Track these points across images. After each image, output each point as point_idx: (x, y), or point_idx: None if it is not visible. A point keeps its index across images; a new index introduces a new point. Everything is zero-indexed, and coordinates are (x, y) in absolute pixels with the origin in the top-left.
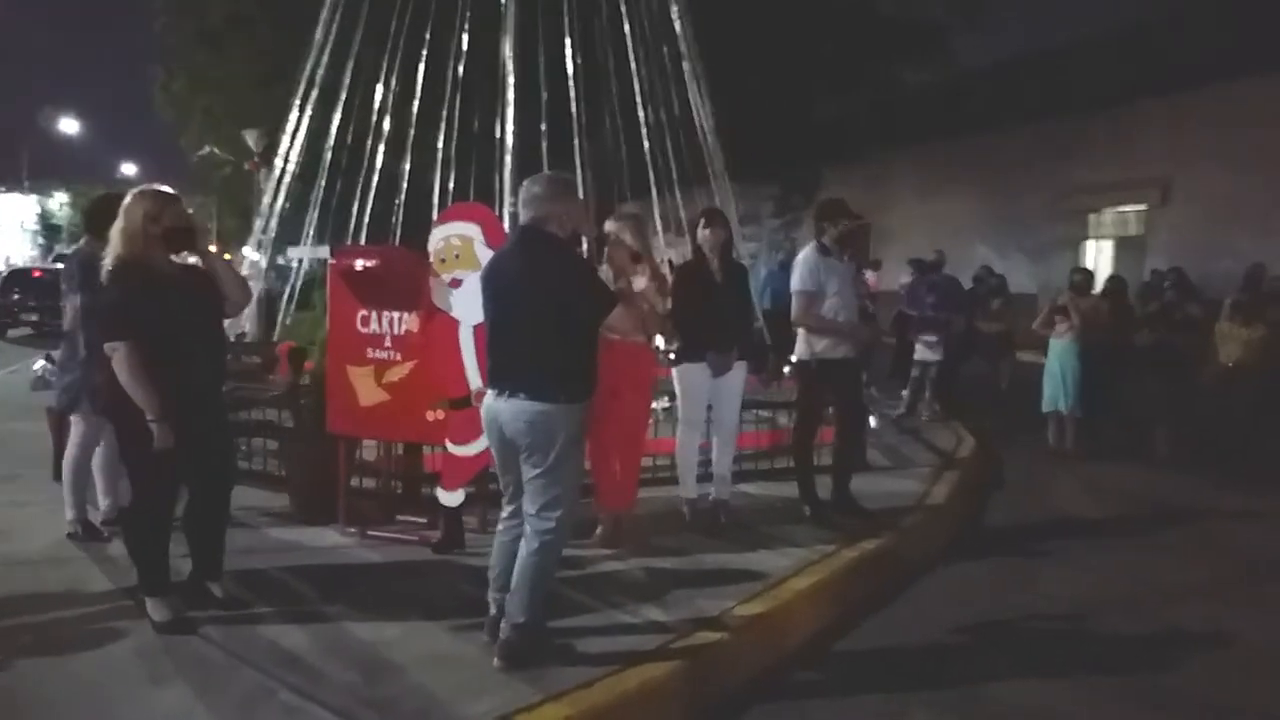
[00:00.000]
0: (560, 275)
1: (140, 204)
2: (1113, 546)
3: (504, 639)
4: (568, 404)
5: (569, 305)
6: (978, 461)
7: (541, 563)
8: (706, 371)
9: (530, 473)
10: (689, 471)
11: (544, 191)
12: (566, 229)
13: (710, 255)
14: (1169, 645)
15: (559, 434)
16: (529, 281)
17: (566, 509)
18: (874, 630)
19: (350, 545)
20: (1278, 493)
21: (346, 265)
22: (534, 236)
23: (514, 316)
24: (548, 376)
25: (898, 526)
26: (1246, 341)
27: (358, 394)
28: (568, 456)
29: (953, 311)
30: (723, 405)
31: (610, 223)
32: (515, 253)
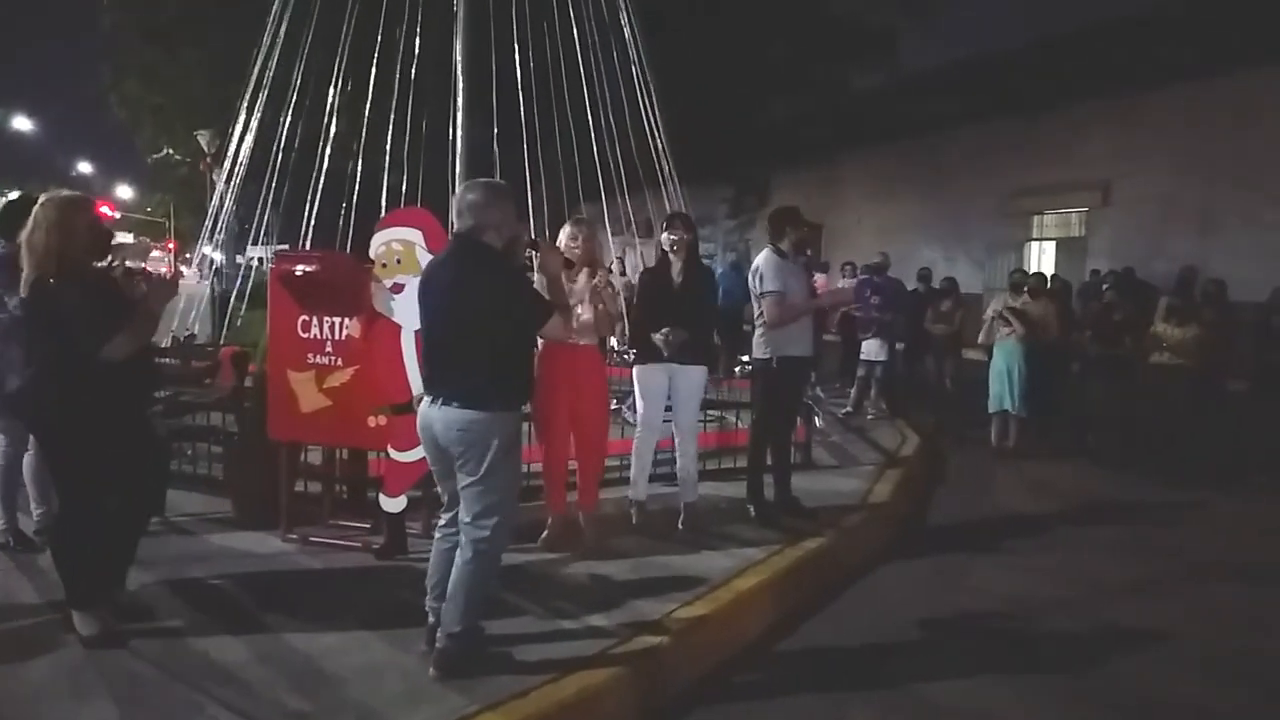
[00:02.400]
0: (494, 286)
1: (80, 212)
2: (1051, 545)
3: (440, 648)
4: (501, 412)
5: (502, 316)
6: (921, 460)
7: (477, 571)
8: (665, 373)
9: (464, 481)
10: (642, 473)
11: (479, 199)
12: (503, 237)
13: (673, 258)
14: (1104, 643)
15: (492, 442)
16: (462, 291)
17: (502, 517)
18: (816, 630)
19: (291, 552)
20: (1211, 490)
21: (286, 270)
22: (469, 246)
23: (447, 325)
24: (480, 385)
25: (840, 526)
26: (1180, 342)
27: (299, 399)
28: (502, 464)
29: (896, 312)
30: (682, 407)
31: (565, 228)
32: (449, 261)
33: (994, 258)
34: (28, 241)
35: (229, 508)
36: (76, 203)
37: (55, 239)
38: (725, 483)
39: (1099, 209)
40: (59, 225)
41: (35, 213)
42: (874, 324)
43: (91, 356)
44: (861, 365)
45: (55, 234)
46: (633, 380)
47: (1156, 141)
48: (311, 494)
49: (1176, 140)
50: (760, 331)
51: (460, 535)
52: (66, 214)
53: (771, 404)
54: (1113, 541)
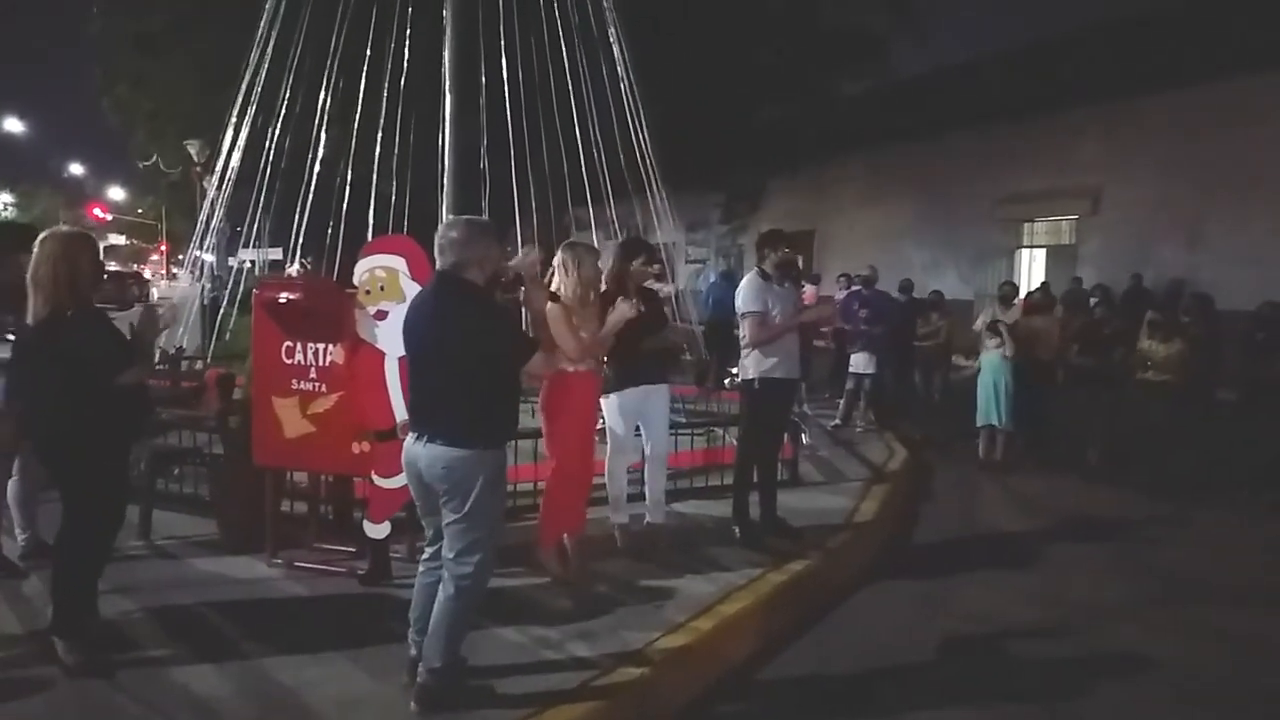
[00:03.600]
0: (476, 324)
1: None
2: (1036, 564)
3: (420, 683)
4: (485, 449)
5: (484, 353)
6: (908, 475)
7: (458, 608)
8: (640, 395)
9: (448, 517)
10: (619, 496)
11: (461, 236)
12: (485, 273)
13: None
14: (1085, 670)
15: (476, 479)
16: (445, 329)
17: (485, 554)
18: (798, 656)
19: (276, 577)
20: (1196, 508)
21: (270, 297)
22: (451, 283)
23: (431, 362)
24: (464, 423)
25: (825, 547)
26: (1165, 358)
27: (283, 425)
28: (486, 502)
29: (884, 325)
30: (651, 428)
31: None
32: (432, 298)
33: (984, 265)
34: (34, 277)
35: (215, 530)
36: (80, 237)
37: (63, 272)
38: (712, 501)
39: (1089, 216)
40: (65, 258)
41: (39, 247)
42: (862, 337)
43: (104, 386)
44: (850, 378)
45: (63, 266)
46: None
47: (1146, 149)
48: (298, 515)
49: (1166, 148)
50: (745, 352)
51: (443, 571)
52: (72, 248)
53: (756, 424)
54: (1098, 561)
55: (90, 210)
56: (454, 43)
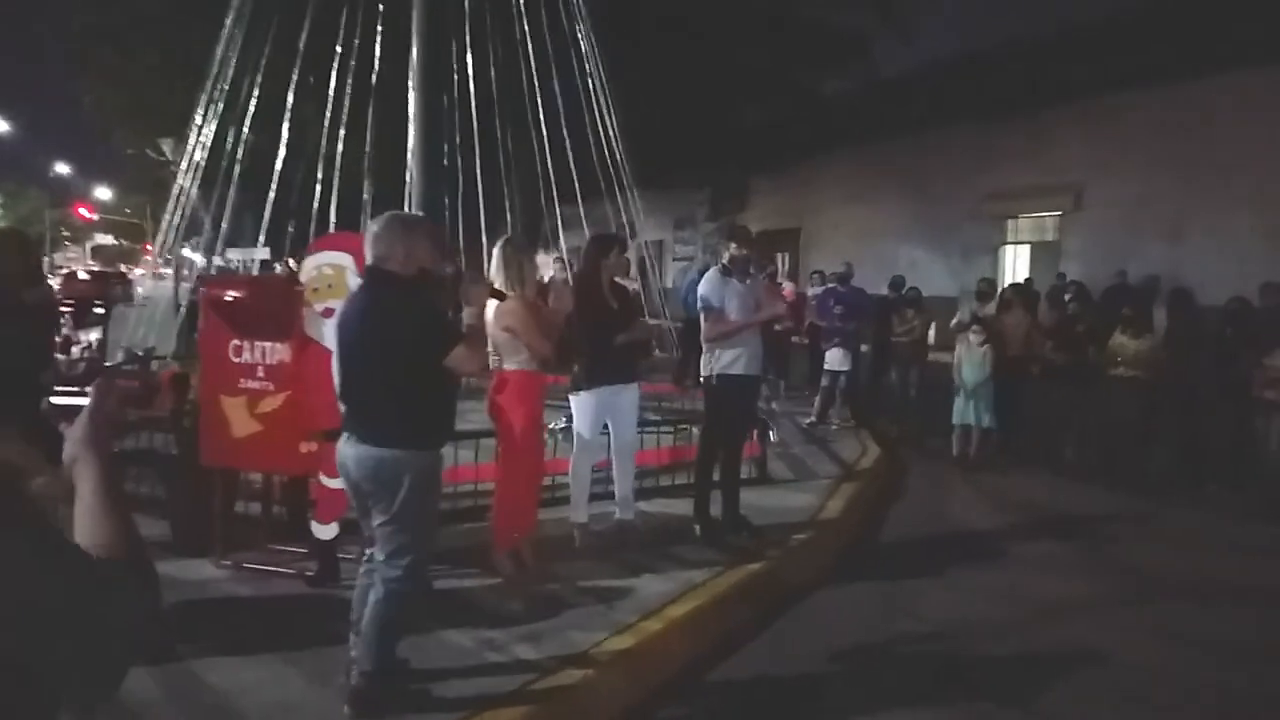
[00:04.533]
0: (395, 315)
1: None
2: (1002, 563)
3: (353, 686)
4: (414, 450)
5: (404, 346)
6: (879, 473)
7: (389, 611)
8: (607, 394)
9: (377, 519)
10: (582, 495)
11: (380, 231)
12: (410, 267)
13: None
14: (1041, 671)
15: (404, 481)
16: (367, 322)
17: (416, 556)
18: (750, 658)
19: (224, 579)
20: (1165, 505)
21: (216, 295)
22: (375, 276)
23: (357, 359)
24: (389, 422)
25: (785, 546)
26: (1136, 354)
27: (231, 425)
28: (415, 505)
29: (860, 322)
30: (619, 425)
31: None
32: (359, 294)
33: (969, 261)
34: None
35: (167, 531)
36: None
37: None
38: (677, 499)
39: (1072, 213)
40: None
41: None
42: (837, 333)
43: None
44: (825, 375)
45: None
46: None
47: (1128, 146)
48: (252, 516)
49: (1147, 145)
50: (705, 349)
51: (374, 574)
52: None
53: (716, 422)
54: (1063, 558)
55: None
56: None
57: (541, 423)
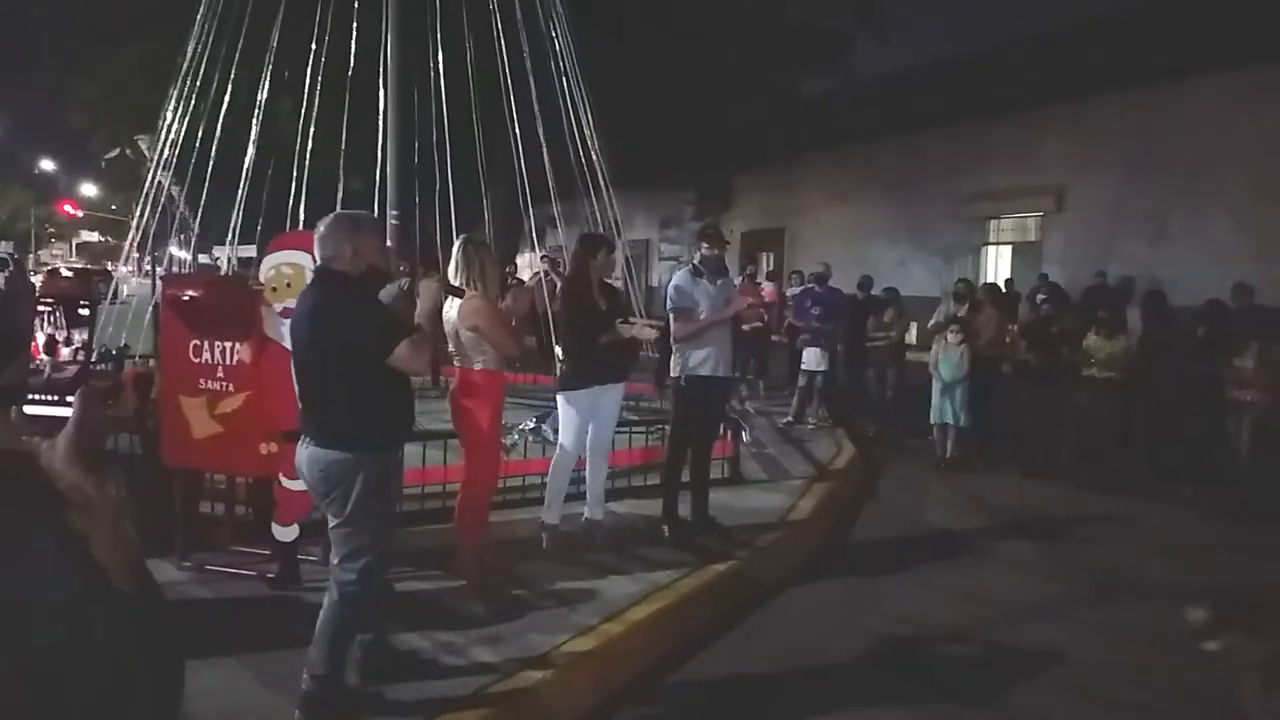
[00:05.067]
0: (339, 314)
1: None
2: (970, 564)
3: (305, 690)
4: (362, 453)
5: (348, 345)
6: (853, 473)
7: (342, 615)
8: (588, 396)
9: (331, 521)
10: (557, 496)
11: (326, 230)
12: (358, 266)
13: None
14: (1007, 670)
15: (353, 485)
16: (314, 322)
17: (371, 559)
18: (714, 659)
19: (184, 581)
20: (1137, 505)
21: (174, 295)
22: (322, 276)
23: (306, 359)
24: (338, 423)
25: (754, 546)
26: (1109, 355)
27: (191, 425)
28: (367, 508)
29: (837, 323)
30: (599, 425)
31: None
32: (307, 293)
33: (951, 261)
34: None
35: None
36: None
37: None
38: (649, 500)
39: (1053, 214)
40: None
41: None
42: (814, 333)
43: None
44: (802, 375)
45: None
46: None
47: (1109, 147)
48: (217, 517)
49: (1128, 146)
50: (674, 349)
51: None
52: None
53: (685, 423)
54: (1032, 559)
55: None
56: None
57: (498, 422)
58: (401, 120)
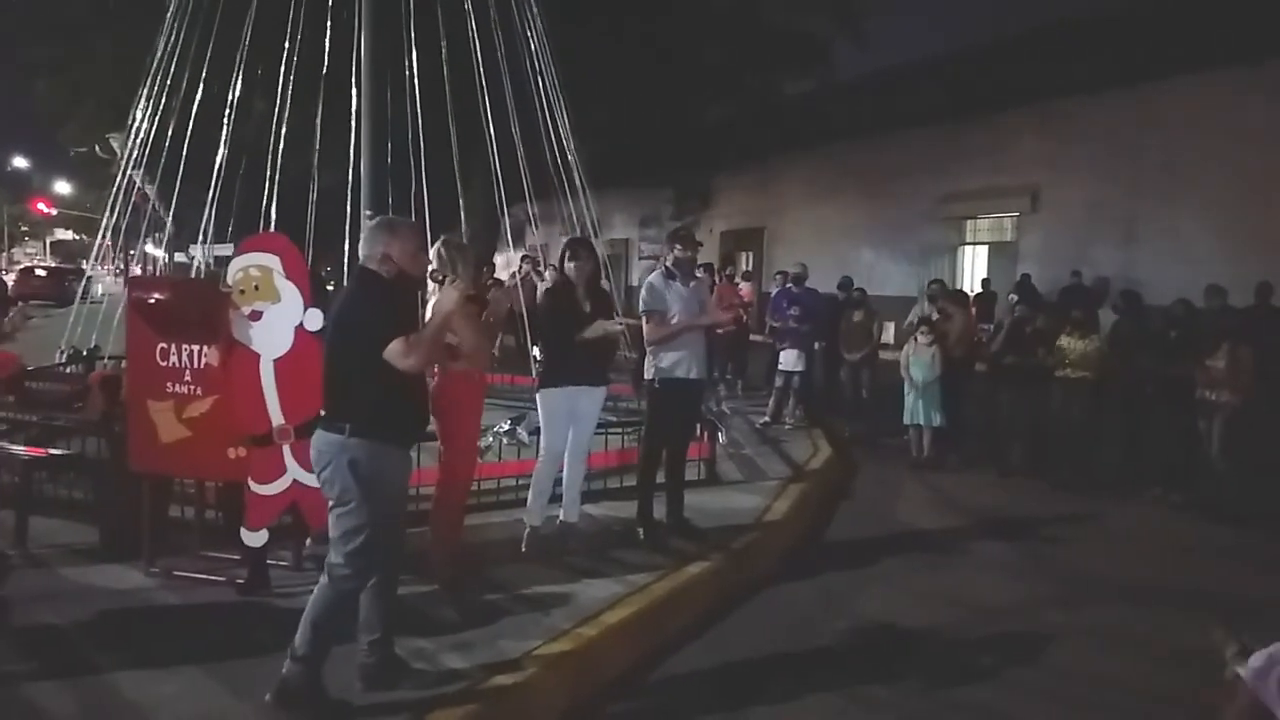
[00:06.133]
0: (348, 307)
1: None
2: (943, 564)
3: (283, 674)
4: (353, 438)
5: (346, 335)
6: (828, 474)
7: (327, 598)
8: (571, 396)
9: (329, 505)
10: (540, 498)
11: (367, 232)
12: (390, 268)
13: (577, 285)
14: (978, 670)
15: (342, 465)
16: (333, 314)
17: (360, 545)
18: (685, 662)
19: (152, 587)
20: (1109, 506)
21: (140, 297)
22: (358, 273)
23: (324, 345)
24: (335, 407)
25: (729, 548)
26: (1082, 355)
27: (158, 430)
28: (359, 494)
29: (814, 323)
30: (579, 427)
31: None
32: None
33: (928, 261)
34: None
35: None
36: None
37: None
38: (625, 502)
39: (1029, 214)
40: None
41: None
42: (791, 334)
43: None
44: (779, 375)
45: None
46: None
47: (1083, 148)
48: (188, 521)
49: (1102, 147)
50: (647, 353)
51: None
52: None
53: (657, 424)
54: (1004, 559)
55: (34, 205)
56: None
57: (477, 424)
58: (375, 118)
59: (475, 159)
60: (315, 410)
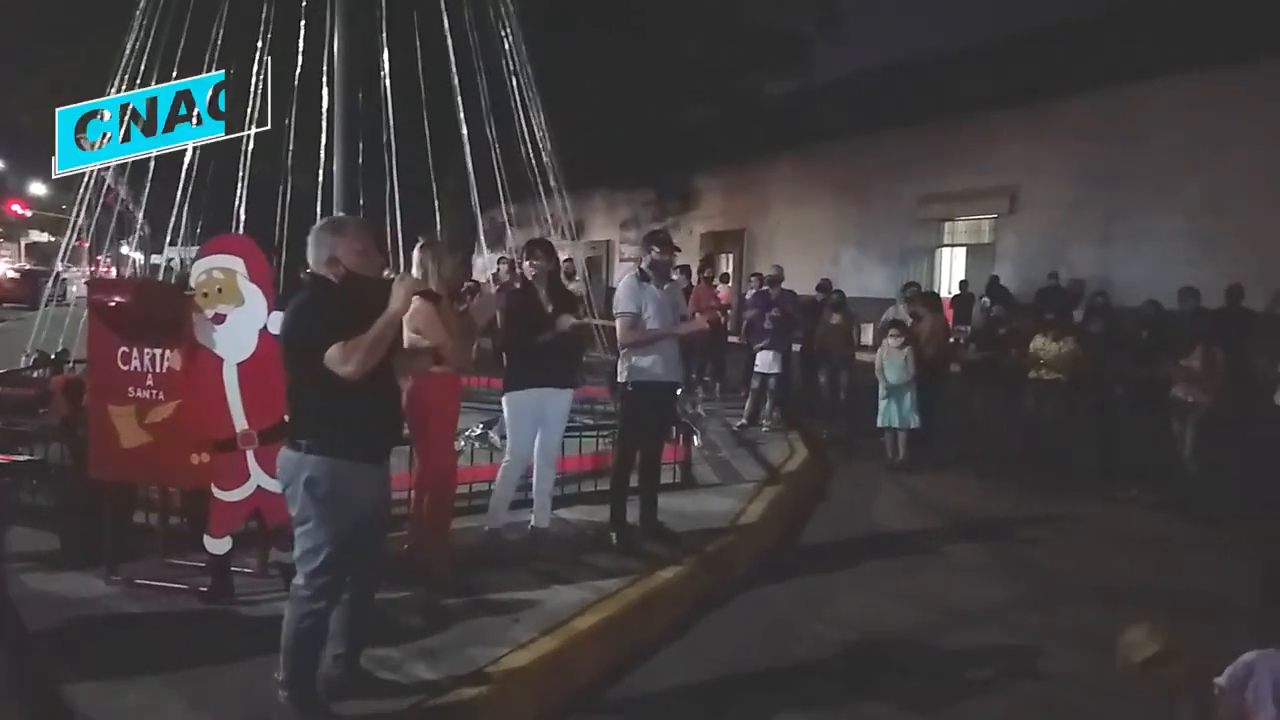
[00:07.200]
0: (293, 316)
1: None
2: (916, 566)
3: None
4: (310, 456)
5: (290, 344)
6: (804, 476)
7: (293, 621)
8: (537, 398)
9: (291, 523)
10: (503, 501)
11: (311, 237)
12: (338, 270)
13: (537, 285)
14: (952, 673)
15: (299, 482)
16: (281, 325)
17: (320, 565)
18: (658, 669)
19: (113, 595)
20: (1083, 507)
21: (101, 300)
22: (307, 279)
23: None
24: (294, 423)
25: (703, 552)
26: (1056, 356)
27: (119, 435)
28: (318, 511)
29: (792, 325)
30: (547, 430)
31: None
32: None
33: (907, 263)
34: None
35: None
36: None
37: None
38: (599, 506)
39: (1007, 216)
40: None
41: None
42: (767, 336)
43: None
44: (755, 377)
45: None
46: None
47: (1060, 151)
48: (152, 528)
49: (1078, 150)
50: (620, 356)
51: None
52: None
53: (631, 427)
54: (979, 561)
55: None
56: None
57: (453, 426)
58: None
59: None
60: (279, 415)
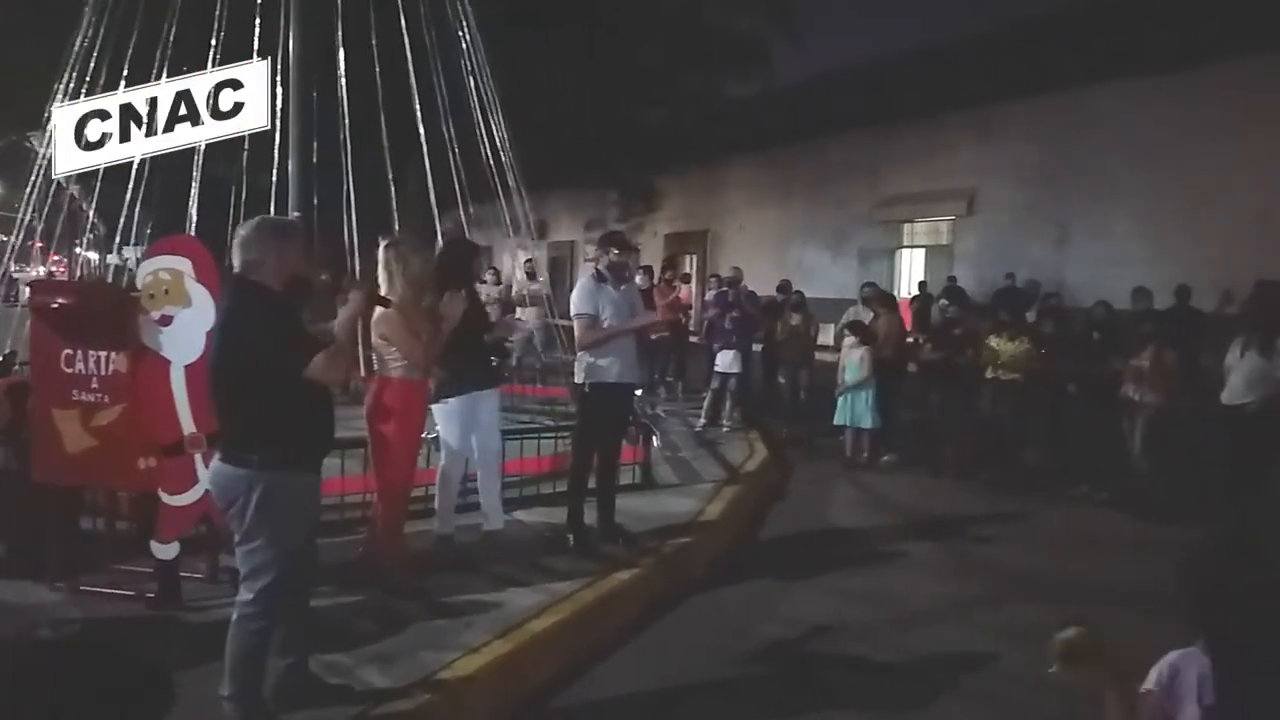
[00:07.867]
0: (248, 325)
1: None
2: (874, 565)
3: None
4: (264, 471)
5: (253, 357)
6: (763, 475)
7: (237, 635)
8: (463, 405)
9: (235, 539)
10: (448, 508)
11: (248, 236)
12: (280, 277)
13: None
14: (904, 672)
15: (250, 500)
16: (221, 333)
17: (269, 581)
18: (610, 672)
19: (56, 603)
20: (1037, 505)
21: (43, 301)
22: (238, 285)
23: (214, 372)
24: (236, 437)
25: (660, 553)
26: (1011, 357)
27: (64, 439)
28: (266, 528)
29: (752, 325)
30: (482, 434)
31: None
32: (222, 302)
33: (867, 264)
34: None
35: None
36: None
37: None
38: (558, 508)
39: (965, 217)
40: None
41: None
42: (727, 336)
43: None
44: (715, 377)
45: None
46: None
47: (1017, 152)
48: (100, 532)
49: (1035, 152)
50: (577, 358)
51: None
52: None
53: (588, 429)
54: (933, 560)
55: None
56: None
57: (418, 432)
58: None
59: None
60: None
